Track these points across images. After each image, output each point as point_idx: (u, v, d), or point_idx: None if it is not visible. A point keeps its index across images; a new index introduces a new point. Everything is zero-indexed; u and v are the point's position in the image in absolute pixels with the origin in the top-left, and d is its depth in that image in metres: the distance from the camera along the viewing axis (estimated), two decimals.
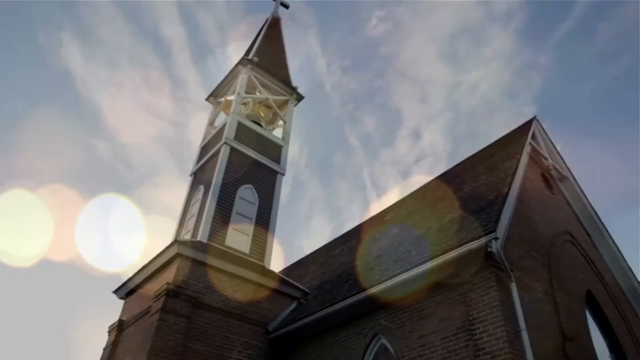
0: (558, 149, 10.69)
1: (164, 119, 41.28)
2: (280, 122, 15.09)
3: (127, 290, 11.17)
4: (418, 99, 40.41)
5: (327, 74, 35.31)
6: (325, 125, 41.92)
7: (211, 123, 15.03)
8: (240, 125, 12.96)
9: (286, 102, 15.22)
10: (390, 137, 43.41)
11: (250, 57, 14.82)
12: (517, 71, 41.53)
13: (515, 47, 40.86)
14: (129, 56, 38.55)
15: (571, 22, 35.77)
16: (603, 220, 10.56)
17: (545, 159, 10.29)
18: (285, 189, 38.05)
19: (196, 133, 13.77)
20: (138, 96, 37.80)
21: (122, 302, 11.45)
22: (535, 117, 10.65)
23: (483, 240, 6.41)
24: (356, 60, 39.15)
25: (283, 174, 13.14)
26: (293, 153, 37.44)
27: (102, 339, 10.88)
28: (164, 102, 40.98)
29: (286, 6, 19.13)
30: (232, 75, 14.77)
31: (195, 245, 9.95)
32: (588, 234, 10.43)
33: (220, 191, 11.43)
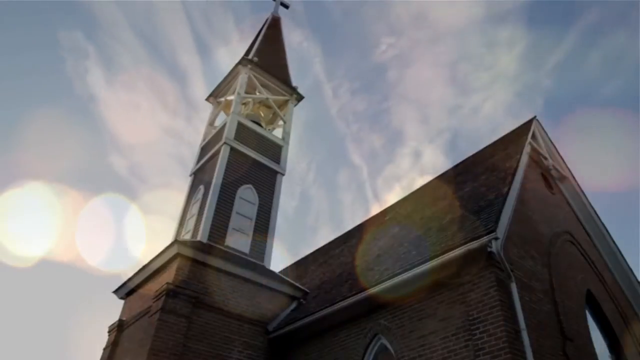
0: (558, 149, 10.71)
1: (178, 138, 43.83)
2: (280, 122, 15.08)
3: (127, 290, 11.17)
4: (420, 120, 42.84)
5: (332, 98, 38.19)
6: (332, 143, 44.31)
7: (211, 123, 15.03)
8: (240, 125, 12.95)
9: (286, 102, 15.21)
10: (392, 156, 45.56)
11: (250, 57, 14.82)
12: (520, 93, 42.63)
13: (518, 71, 42.43)
14: (148, 82, 41.35)
15: (569, 45, 37.08)
16: (603, 220, 10.57)
17: (545, 159, 10.29)
18: (293, 203, 40.73)
19: None
20: (155, 118, 40.60)
21: (122, 302, 11.45)
22: (535, 117, 10.65)
23: (483, 240, 6.41)
24: (363, 83, 41.62)
25: (283, 174, 13.13)
26: (301, 170, 40.03)
27: (102, 339, 10.89)
28: (179, 123, 43.53)
29: (286, 6, 19.15)
30: (232, 75, 14.77)
31: (195, 245, 9.95)
32: (588, 234, 10.43)
33: (220, 191, 11.43)
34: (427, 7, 37.85)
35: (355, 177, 46.17)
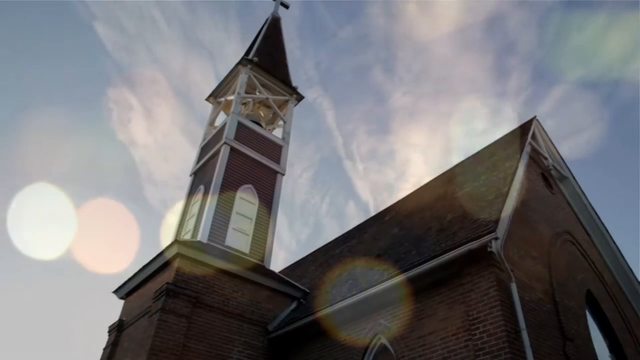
0: (558, 149, 10.71)
1: None
2: (280, 122, 15.09)
3: (127, 290, 11.16)
4: (423, 161, 47.19)
5: (343, 142, 44.16)
6: (343, 180, 49.99)
7: (211, 123, 15.03)
8: (240, 125, 12.95)
9: (286, 102, 15.21)
10: (395, 190, 49.25)
11: (250, 57, 14.81)
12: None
13: (522, 113, 45.90)
14: (182, 129, 46.93)
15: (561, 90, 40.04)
16: (603, 220, 10.57)
17: (545, 158, 10.29)
18: (307, 230, 46.99)
19: None
20: (187, 158, 46.04)
21: (122, 302, 11.44)
22: (535, 117, 10.65)
23: (483, 240, 6.41)
24: (370, 128, 46.99)
25: (283, 174, 13.13)
26: (315, 202, 45.66)
27: (102, 339, 10.89)
28: None
29: (286, 6, 19.15)
30: (232, 75, 14.76)
31: (195, 245, 9.94)
32: (588, 234, 10.43)
33: (220, 191, 11.43)
34: (431, 64, 43.57)
35: (362, 208, 51.10)
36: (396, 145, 48.33)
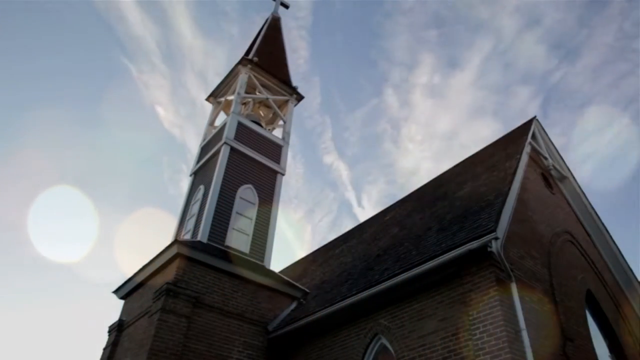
0: (558, 148, 10.71)
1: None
2: (280, 122, 15.09)
3: (127, 290, 11.17)
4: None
5: (355, 197, 50.19)
6: (354, 223, 49.76)
7: (211, 123, 15.03)
8: (240, 125, 12.95)
9: (286, 102, 15.22)
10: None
11: (250, 57, 14.81)
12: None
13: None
14: None
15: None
16: (603, 220, 10.57)
17: (545, 158, 10.29)
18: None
19: None
20: None
21: (122, 302, 11.45)
22: (535, 117, 10.65)
23: (483, 240, 6.40)
24: (380, 180, 51.67)
25: (283, 174, 13.13)
26: (330, 238, 44.96)
27: (102, 339, 10.88)
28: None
29: (286, 6, 19.15)
30: (232, 75, 14.76)
31: (195, 245, 9.94)
32: (588, 234, 10.43)
33: (220, 191, 11.43)
34: (434, 135, 49.59)
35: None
36: (401, 196, 52.47)
